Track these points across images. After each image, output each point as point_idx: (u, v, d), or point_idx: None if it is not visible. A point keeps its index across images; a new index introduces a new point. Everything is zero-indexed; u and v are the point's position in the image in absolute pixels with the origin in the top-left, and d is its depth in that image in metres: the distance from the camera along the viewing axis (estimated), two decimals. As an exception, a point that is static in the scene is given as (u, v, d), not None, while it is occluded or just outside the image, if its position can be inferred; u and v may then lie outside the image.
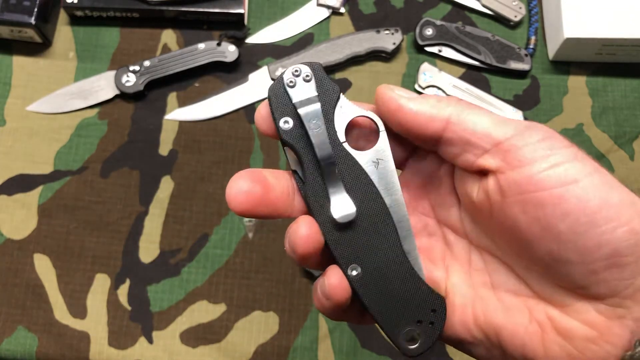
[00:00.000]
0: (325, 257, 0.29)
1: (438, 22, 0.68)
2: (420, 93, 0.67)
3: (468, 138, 0.27)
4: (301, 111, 0.28)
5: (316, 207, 0.29)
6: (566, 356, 0.26)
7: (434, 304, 0.29)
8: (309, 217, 0.28)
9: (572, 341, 0.26)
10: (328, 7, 0.70)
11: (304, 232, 0.28)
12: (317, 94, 0.29)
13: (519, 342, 0.27)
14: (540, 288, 0.27)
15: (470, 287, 0.30)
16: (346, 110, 0.29)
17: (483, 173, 0.27)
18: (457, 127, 0.27)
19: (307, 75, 0.29)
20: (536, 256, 0.26)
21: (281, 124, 0.29)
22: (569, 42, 0.65)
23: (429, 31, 0.68)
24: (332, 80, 0.29)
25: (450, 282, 0.30)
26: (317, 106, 0.28)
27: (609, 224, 0.23)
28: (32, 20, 0.64)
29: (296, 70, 0.29)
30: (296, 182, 0.30)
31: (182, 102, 0.67)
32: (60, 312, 0.60)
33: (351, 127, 0.30)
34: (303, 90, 0.29)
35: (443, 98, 0.28)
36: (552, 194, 0.24)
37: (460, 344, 0.30)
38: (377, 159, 0.29)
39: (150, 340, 0.59)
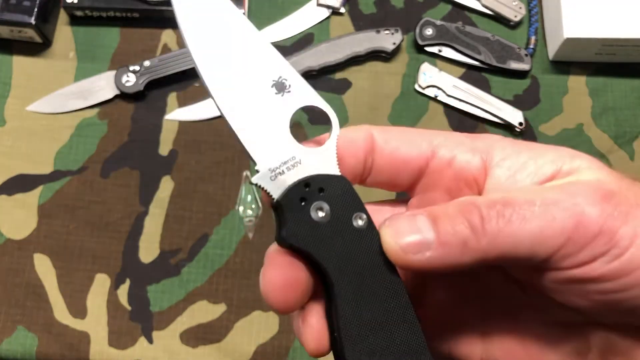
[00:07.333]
0: None
1: (438, 22, 0.68)
2: (420, 93, 0.67)
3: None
4: None
5: None
6: None
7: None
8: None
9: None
10: (328, 7, 0.70)
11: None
12: None
13: None
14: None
15: None
16: None
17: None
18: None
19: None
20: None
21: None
22: (569, 42, 0.65)
23: (429, 31, 0.68)
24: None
25: None
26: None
27: None
28: (32, 20, 0.64)
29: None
30: None
31: (182, 102, 0.67)
32: (60, 312, 0.60)
33: None
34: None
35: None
36: (616, 284, 0.23)
37: None
38: None
39: (150, 340, 0.59)
